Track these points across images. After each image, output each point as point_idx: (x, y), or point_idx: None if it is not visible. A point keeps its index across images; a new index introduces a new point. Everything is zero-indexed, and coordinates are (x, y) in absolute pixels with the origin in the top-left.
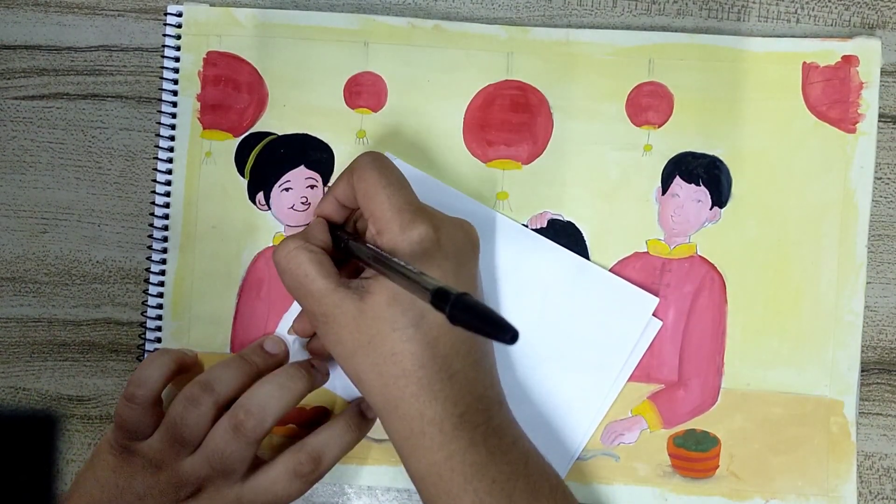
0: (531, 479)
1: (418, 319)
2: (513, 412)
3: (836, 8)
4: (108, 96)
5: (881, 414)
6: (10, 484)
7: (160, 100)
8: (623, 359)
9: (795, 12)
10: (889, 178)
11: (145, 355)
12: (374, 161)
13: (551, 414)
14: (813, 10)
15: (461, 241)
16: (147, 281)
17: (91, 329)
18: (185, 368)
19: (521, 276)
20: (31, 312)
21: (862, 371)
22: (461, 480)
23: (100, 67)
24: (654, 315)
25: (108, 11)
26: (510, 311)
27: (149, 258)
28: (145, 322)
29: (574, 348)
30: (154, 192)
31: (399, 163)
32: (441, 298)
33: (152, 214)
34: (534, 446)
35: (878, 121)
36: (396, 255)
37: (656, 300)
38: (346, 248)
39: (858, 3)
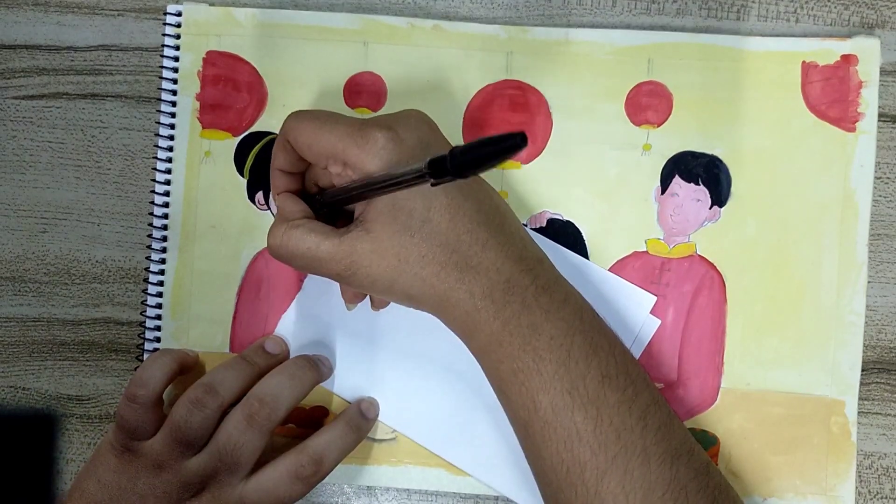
0: (588, 335)
1: (427, 213)
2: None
3: (835, 7)
4: (107, 96)
5: (881, 413)
6: (10, 483)
7: (160, 99)
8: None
9: (795, 12)
10: (889, 178)
11: (145, 355)
12: (295, 115)
13: None
14: (812, 9)
15: (416, 125)
16: (146, 280)
17: (90, 328)
18: (187, 368)
19: None
20: (30, 312)
21: (861, 371)
22: (520, 342)
23: (99, 67)
24: (652, 314)
25: (107, 11)
26: None
27: (148, 258)
28: (144, 322)
29: None
30: (153, 191)
31: None
32: (438, 168)
33: (151, 214)
34: (587, 303)
35: (878, 120)
36: (370, 170)
37: (654, 298)
38: (326, 201)
39: (857, 2)
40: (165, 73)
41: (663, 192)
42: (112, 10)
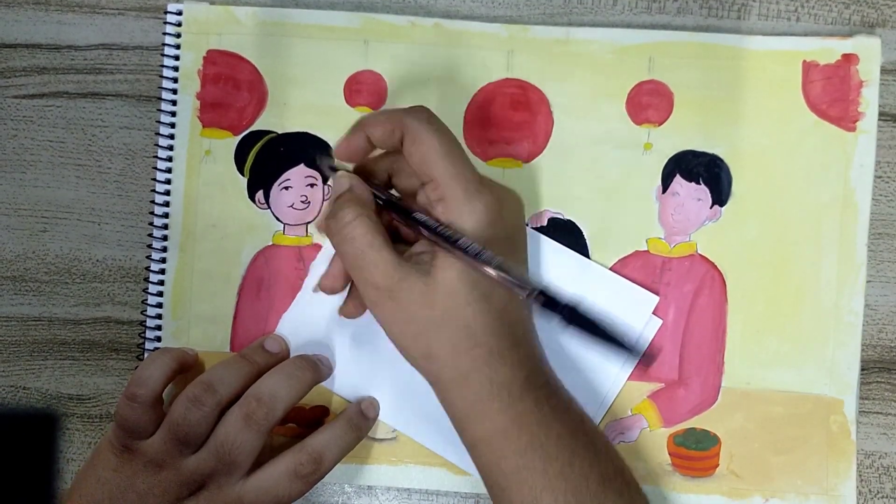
0: (589, 437)
1: (489, 292)
2: None
3: (836, 6)
4: (108, 95)
5: (881, 413)
6: (10, 483)
7: (160, 98)
8: (622, 357)
9: (795, 11)
10: (889, 177)
11: (145, 354)
12: (429, 123)
13: None
14: (813, 8)
15: (517, 210)
16: (147, 280)
17: (91, 328)
18: (186, 367)
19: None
20: (31, 311)
21: (862, 370)
22: (528, 438)
23: (100, 66)
24: (654, 314)
25: (108, 10)
26: None
27: (149, 257)
28: (145, 321)
29: (573, 347)
30: (154, 190)
31: None
32: (550, 300)
33: (152, 213)
34: (581, 407)
35: (879, 119)
36: (463, 226)
37: (656, 298)
38: (396, 211)
39: (858, 1)
40: (166, 72)
41: (664, 191)
42: (112, 9)
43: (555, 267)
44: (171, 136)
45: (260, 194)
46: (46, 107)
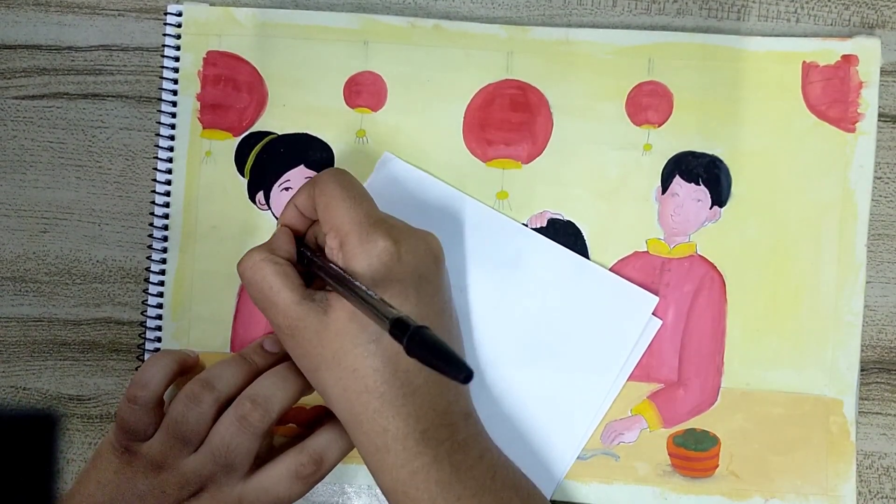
0: (499, 494)
1: (379, 335)
2: (511, 414)
3: (835, 7)
4: (108, 96)
5: (881, 413)
6: (10, 483)
7: (160, 99)
8: (623, 358)
9: (795, 12)
10: (889, 178)
11: (145, 355)
12: (335, 175)
13: (551, 414)
14: (812, 9)
15: (422, 253)
16: (147, 280)
17: (91, 328)
18: (187, 369)
19: (520, 276)
20: (31, 312)
21: (861, 370)
22: (426, 497)
23: (100, 67)
24: (653, 314)
25: (108, 11)
26: (509, 311)
27: (149, 258)
28: (145, 322)
29: (574, 348)
30: (154, 191)
31: (398, 162)
32: (399, 328)
33: (152, 214)
34: (504, 458)
35: (878, 120)
36: (356, 269)
37: (656, 299)
38: (309, 263)
39: (858, 2)
40: (166, 73)
41: (664, 191)
42: (112, 10)
43: (554, 268)
44: (172, 138)
45: (260, 195)
46: (47, 108)
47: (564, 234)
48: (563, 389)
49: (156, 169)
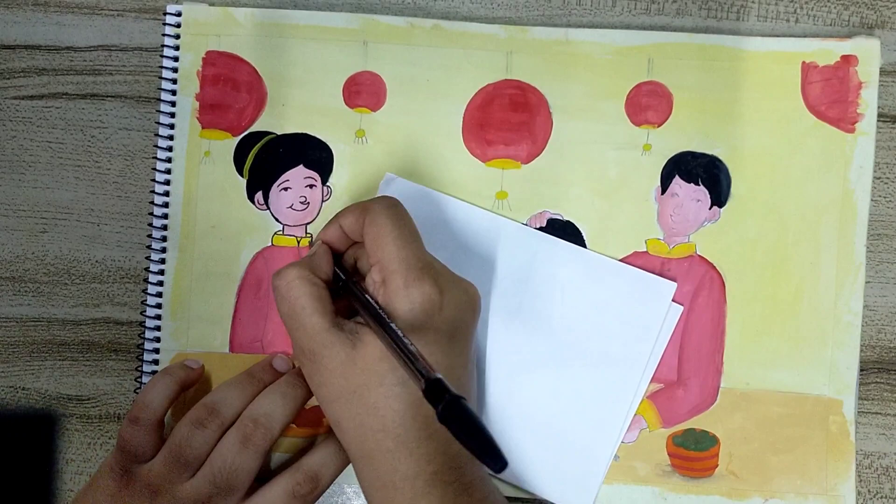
0: None
1: (406, 379)
2: (545, 418)
3: (835, 7)
4: (107, 96)
5: (880, 413)
6: (10, 483)
7: (159, 100)
8: (649, 347)
9: (794, 12)
10: (888, 178)
11: (145, 355)
12: (389, 208)
13: (582, 413)
14: (812, 9)
15: (463, 306)
16: (146, 280)
17: (90, 329)
18: (190, 384)
19: (537, 279)
20: (30, 312)
21: (861, 370)
22: None
23: (99, 67)
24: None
25: (107, 11)
26: (530, 315)
27: (148, 258)
28: (144, 322)
29: (599, 344)
30: (153, 191)
31: (401, 181)
32: (435, 393)
33: (151, 214)
34: (504, 501)
35: (878, 120)
36: (396, 309)
37: (674, 285)
38: (347, 290)
39: (857, 2)
40: (165, 73)
41: (663, 192)
42: (112, 11)
43: (569, 267)
44: (171, 137)
45: (259, 195)
46: (46, 108)
47: (564, 234)
48: (593, 387)
49: (155, 169)
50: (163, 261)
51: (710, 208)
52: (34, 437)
